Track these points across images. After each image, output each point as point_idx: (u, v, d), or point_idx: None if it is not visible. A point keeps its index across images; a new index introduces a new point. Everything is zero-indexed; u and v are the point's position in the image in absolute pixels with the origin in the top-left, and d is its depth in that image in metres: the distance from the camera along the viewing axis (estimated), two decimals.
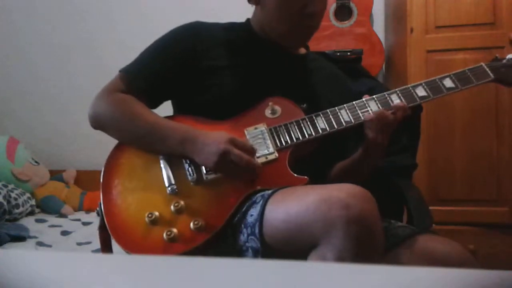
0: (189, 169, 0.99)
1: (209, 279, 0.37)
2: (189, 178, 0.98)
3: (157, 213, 0.94)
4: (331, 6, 2.29)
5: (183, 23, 1.14)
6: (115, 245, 0.99)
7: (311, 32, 1.10)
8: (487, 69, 1.05)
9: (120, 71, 1.11)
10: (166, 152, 1.01)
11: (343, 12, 2.31)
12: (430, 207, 1.15)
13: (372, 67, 2.19)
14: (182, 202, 0.94)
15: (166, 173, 0.99)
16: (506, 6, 1.85)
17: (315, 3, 1.03)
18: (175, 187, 0.97)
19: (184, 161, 1.00)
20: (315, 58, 1.21)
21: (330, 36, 2.28)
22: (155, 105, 1.12)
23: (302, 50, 1.20)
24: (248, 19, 1.17)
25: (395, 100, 1.02)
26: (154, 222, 0.93)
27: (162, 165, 1.00)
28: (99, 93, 1.09)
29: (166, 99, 1.15)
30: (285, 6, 1.04)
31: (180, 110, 1.16)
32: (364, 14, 2.31)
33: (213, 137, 0.96)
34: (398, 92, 1.04)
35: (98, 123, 1.08)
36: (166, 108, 1.16)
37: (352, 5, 2.30)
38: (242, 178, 0.96)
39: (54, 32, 2.74)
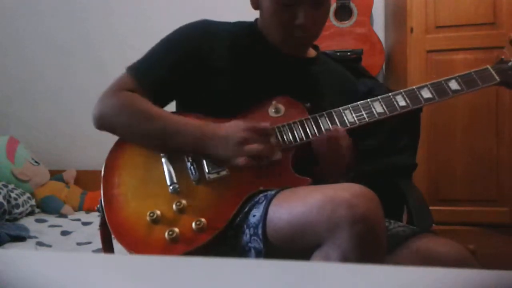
0: (191, 167, 0.98)
1: (211, 280, 0.37)
2: (191, 177, 0.98)
3: (158, 212, 0.93)
4: (331, 6, 2.29)
5: (183, 22, 1.13)
6: (116, 244, 0.99)
7: (304, 42, 1.09)
8: (493, 72, 1.04)
9: (127, 69, 1.10)
10: (178, 148, 0.99)
11: (343, 12, 2.31)
12: (430, 207, 1.15)
13: (372, 67, 2.19)
14: (184, 202, 0.94)
15: (168, 171, 0.98)
16: (506, 6, 1.85)
17: (305, 15, 1.01)
18: (177, 186, 0.96)
19: (186, 159, 1.00)
20: (325, 61, 1.19)
21: (330, 36, 2.28)
22: (162, 105, 1.10)
23: (312, 53, 1.18)
24: (256, 19, 1.16)
25: (400, 101, 1.01)
26: (155, 221, 0.92)
27: (164, 163, 0.99)
28: (104, 92, 1.07)
29: (173, 99, 1.14)
30: (276, 16, 1.04)
31: (183, 108, 1.16)
32: (364, 14, 2.31)
33: (228, 128, 0.96)
34: (403, 93, 1.03)
35: (105, 123, 1.05)
36: (168, 106, 1.16)
37: (352, 5, 2.30)
38: (240, 179, 0.96)
39: (54, 31, 2.74)
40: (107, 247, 1.05)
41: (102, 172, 1.01)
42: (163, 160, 1.00)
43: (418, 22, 1.93)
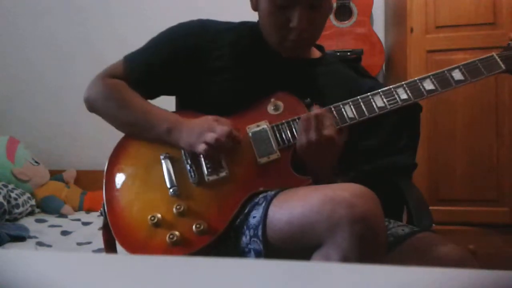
0: (191, 170, 0.99)
1: (211, 279, 0.37)
2: (191, 179, 0.98)
3: (159, 216, 0.93)
4: None
5: (183, 21, 1.13)
6: (118, 245, 0.99)
7: (299, 45, 1.06)
8: (498, 60, 1.00)
9: (124, 56, 1.13)
10: (153, 140, 1.03)
11: (343, 12, 2.31)
12: (430, 207, 1.15)
13: (372, 67, 2.19)
14: (184, 205, 0.94)
15: (167, 174, 0.99)
16: (506, 6, 1.85)
17: (300, 18, 0.98)
18: (176, 188, 0.97)
19: (185, 162, 1.00)
20: (330, 62, 1.18)
21: (330, 36, 2.28)
22: (151, 97, 1.13)
23: (316, 54, 1.17)
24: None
25: (401, 94, 0.99)
26: (156, 225, 0.93)
27: (164, 166, 1.00)
28: (96, 76, 1.12)
29: (164, 94, 1.15)
30: (272, 18, 1.02)
31: (182, 106, 1.16)
32: (364, 14, 2.31)
33: (198, 121, 0.99)
34: (404, 85, 1.00)
35: (91, 106, 1.11)
36: (168, 105, 1.16)
37: (352, 5, 2.30)
38: (238, 180, 0.96)
39: (54, 31, 2.74)
40: (110, 249, 1.05)
41: (104, 174, 1.02)
42: (163, 162, 1.00)
43: (418, 22, 1.92)
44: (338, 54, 2.15)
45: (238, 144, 0.98)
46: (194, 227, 0.91)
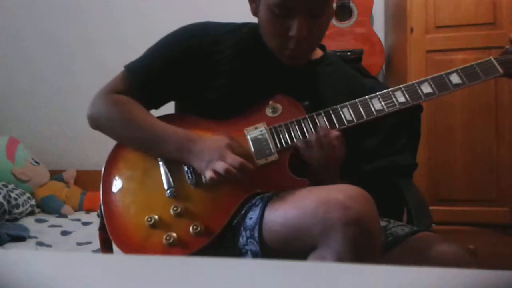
0: (188, 171, 0.98)
1: (210, 279, 0.37)
2: (188, 181, 0.98)
3: (156, 217, 0.93)
4: None
5: (184, 22, 1.13)
6: (114, 246, 0.99)
7: (298, 55, 1.03)
8: (496, 64, 1.00)
9: (124, 66, 1.10)
10: (163, 157, 1.01)
11: (343, 12, 2.32)
12: (430, 207, 1.15)
13: (372, 67, 2.19)
14: (181, 206, 0.94)
15: (165, 175, 0.98)
16: (506, 6, 1.85)
17: (299, 27, 0.96)
18: (174, 190, 0.97)
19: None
20: (331, 62, 1.16)
21: (330, 36, 2.28)
22: (156, 106, 1.11)
23: (318, 54, 1.15)
24: None
25: (399, 97, 0.99)
26: (153, 226, 0.93)
27: (161, 167, 1.00)
28: (98, 93, 1.08)
29: (168, 101, 1.14)
30: (271, 26, 1.01)
31: (181, 109, 1.16)
32: (364, 14, 2.31)
33: (211, 143, 0.96)
34: (402, 88, 1.00)
35: (95, 124, 1.08)
36: (167, 107, 1.16)
37: (352, 5, 2.30)
38: (237, 182, 0.94)
39: (55, 31, 2.74)
40: (107, 250, 1.04)
41: (102, 176, 1.01)
42: (160, 163, 1.00)
43: (418, 22, 1.93)
44: (338, 54, 2.15)
45: (248, 174, 0.93)
46: (191, 228, 0.91)
